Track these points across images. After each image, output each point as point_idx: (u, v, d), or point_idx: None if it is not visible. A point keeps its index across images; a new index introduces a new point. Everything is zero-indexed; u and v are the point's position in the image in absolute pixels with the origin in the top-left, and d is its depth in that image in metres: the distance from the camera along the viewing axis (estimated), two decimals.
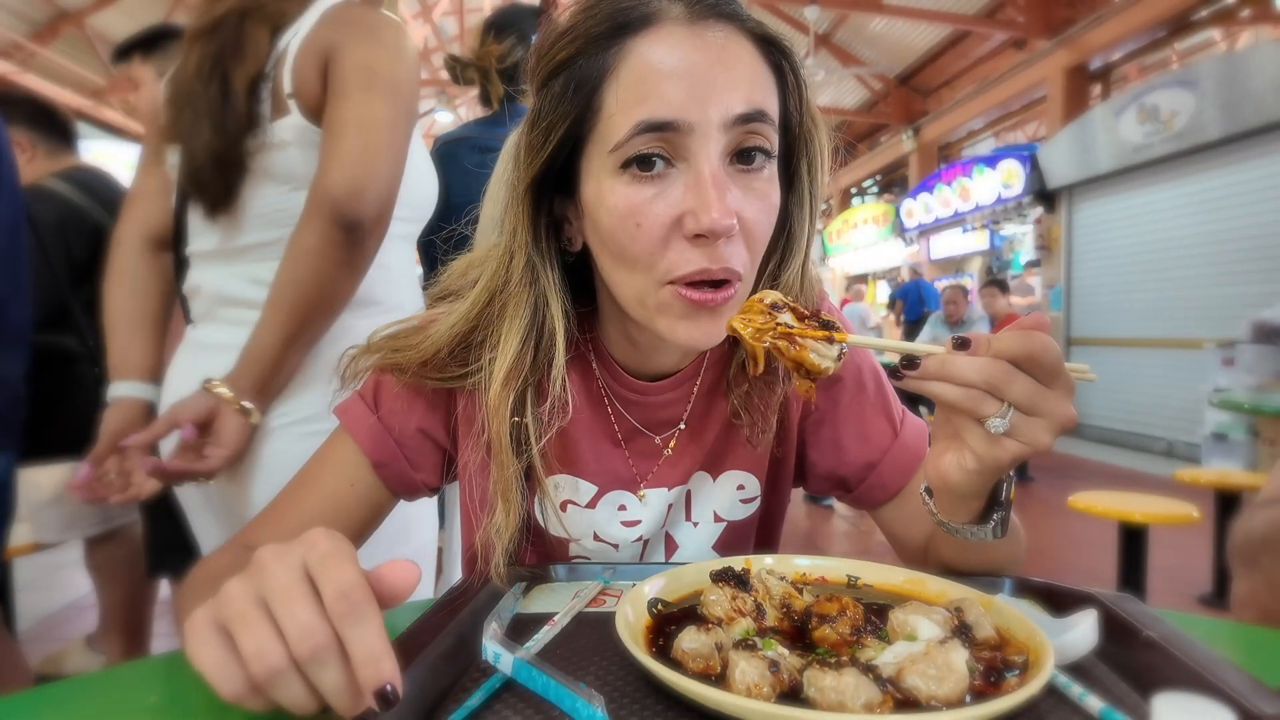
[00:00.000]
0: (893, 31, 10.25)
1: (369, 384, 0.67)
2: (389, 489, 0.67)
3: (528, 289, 0.61)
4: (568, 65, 0.56)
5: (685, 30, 0.53)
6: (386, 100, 0.95)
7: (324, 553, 0.35)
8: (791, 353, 0.51)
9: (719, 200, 0.52)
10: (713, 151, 0.53)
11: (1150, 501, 2.29)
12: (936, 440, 0.55)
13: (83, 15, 8.67)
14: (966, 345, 0.48)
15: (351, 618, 0.33)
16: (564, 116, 0.56)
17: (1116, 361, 6.45)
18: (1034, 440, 0.48)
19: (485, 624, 0.47)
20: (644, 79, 0.53)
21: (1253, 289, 5.15)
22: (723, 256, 0.54)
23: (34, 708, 0.45)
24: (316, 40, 0.97)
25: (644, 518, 0.70)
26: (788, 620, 0.50)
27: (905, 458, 0.72)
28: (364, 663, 0.32)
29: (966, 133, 10.69)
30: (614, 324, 0.67)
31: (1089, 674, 0.45)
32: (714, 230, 0.52)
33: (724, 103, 0.52)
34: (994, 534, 0.56)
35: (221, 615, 0.34)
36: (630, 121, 0.52)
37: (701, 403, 0.70)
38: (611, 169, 0.54)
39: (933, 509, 0.58)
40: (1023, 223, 8.29)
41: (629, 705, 0.41)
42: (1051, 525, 3.87)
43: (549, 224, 0.62)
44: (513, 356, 0.60)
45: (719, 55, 0.53)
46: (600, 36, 0.54)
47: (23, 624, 2.25)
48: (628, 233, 0.54)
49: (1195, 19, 6.87)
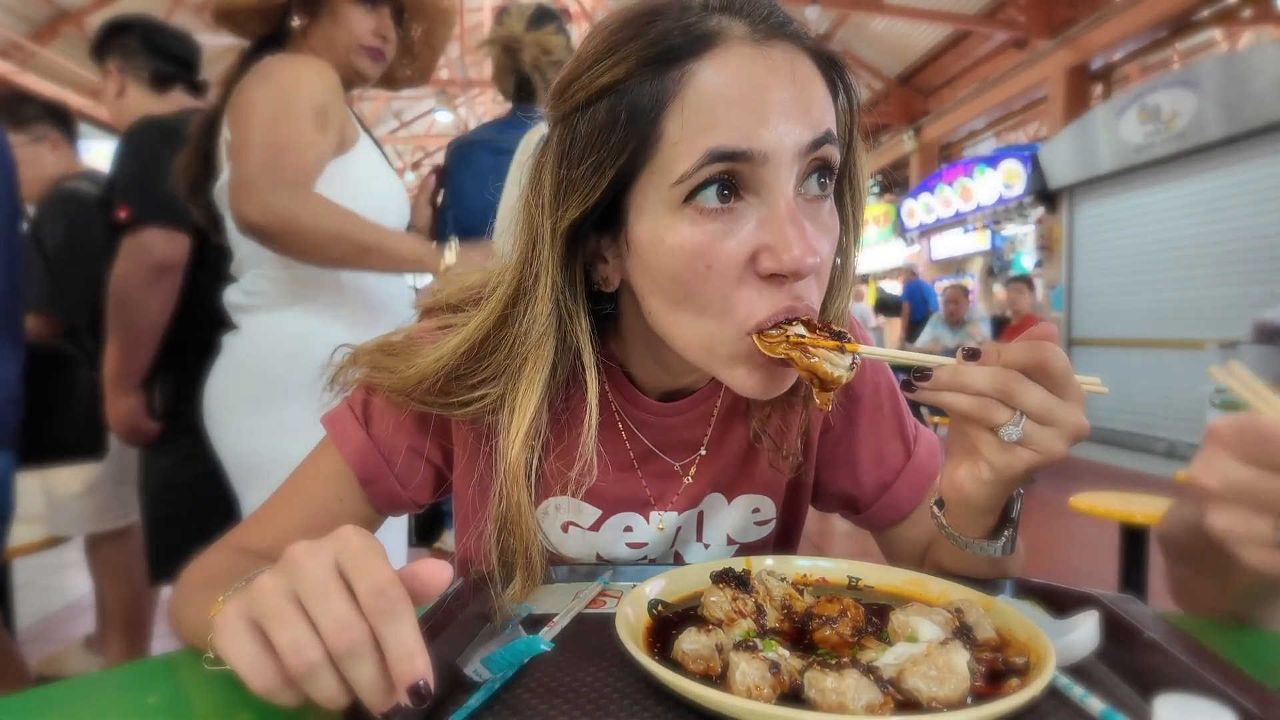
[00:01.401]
0: (893, 31, 10.25)
1: (358, 396, 0.64)
2: (374, 507, 0.65)
3: (552, 340, 0.55)
4: (613, 90, 0.50)
5: (752, 51, 0.49)
6: (255, 112, 1.10)
7: (356, 550, 0.35)
8: (805, 362, 0.50)
9: (801, 237, 0.48)
10: (787, 183, 0.49)
11: (1152, 502, 2.28)
12: (951, 455, 0.55)
13: (82, 15, 8.67)
14: (977, 355, 0.48)
15: (388, 614, 0.33)
16: (618, 150, 0.50)
17: (1118, 362, 6.44)
18: (1048, 449, 0.48)
19: (473, 644, 0.48)
20: (712, 104, 0.48)
21: (1255, 289, 5.15)
22: (803, 295, 0.50)
23: (34, 708, 0.45)
24: (234, 96, 1.16)
25: (651, 540, 0.68)
26: (788, 621, 0.50)
27: (919, 479, 0.71)
28: (399, 658, 0.33)
29: (967, 133, 10.69)
30: (643, 347, 0.61)
31: (1090, 675, 0.44)
32: (799, 270, 0.48)
33: (798, 129, 0.48)
34: (1004, 550, 0.57)
35: (255, 610, 0.34)
36: (698, 151, 0.47)
37: (721, 425, 0.67)
38: (673, 204, 0.49)
39: (943, 523, 0.58)
40: (1024, 223, 8.29)
41: (629, 706, 0.41)
42: (1053, 526, 3.86)
43: (583, 263, 0.56)
44: (531, 415, 0.55)
45: (790, 78, 0.49)
46: (656, 59, 0.49)
47: (23, 624, 2.25)
48: (697, 274, 0.49)
49: (1196, 19, 6.87)
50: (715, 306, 0.50)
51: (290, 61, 1.16)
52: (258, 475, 1.16)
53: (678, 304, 0.52)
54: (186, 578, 0.58)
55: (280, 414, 1.13)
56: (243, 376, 1.18)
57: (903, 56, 10.77)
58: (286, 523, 0.63)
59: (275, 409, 1.13)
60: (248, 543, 0.62)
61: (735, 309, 0.50)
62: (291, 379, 1.12)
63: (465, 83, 12.09)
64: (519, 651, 0.45)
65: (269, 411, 1.14)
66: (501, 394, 0.56)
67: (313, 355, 0.70)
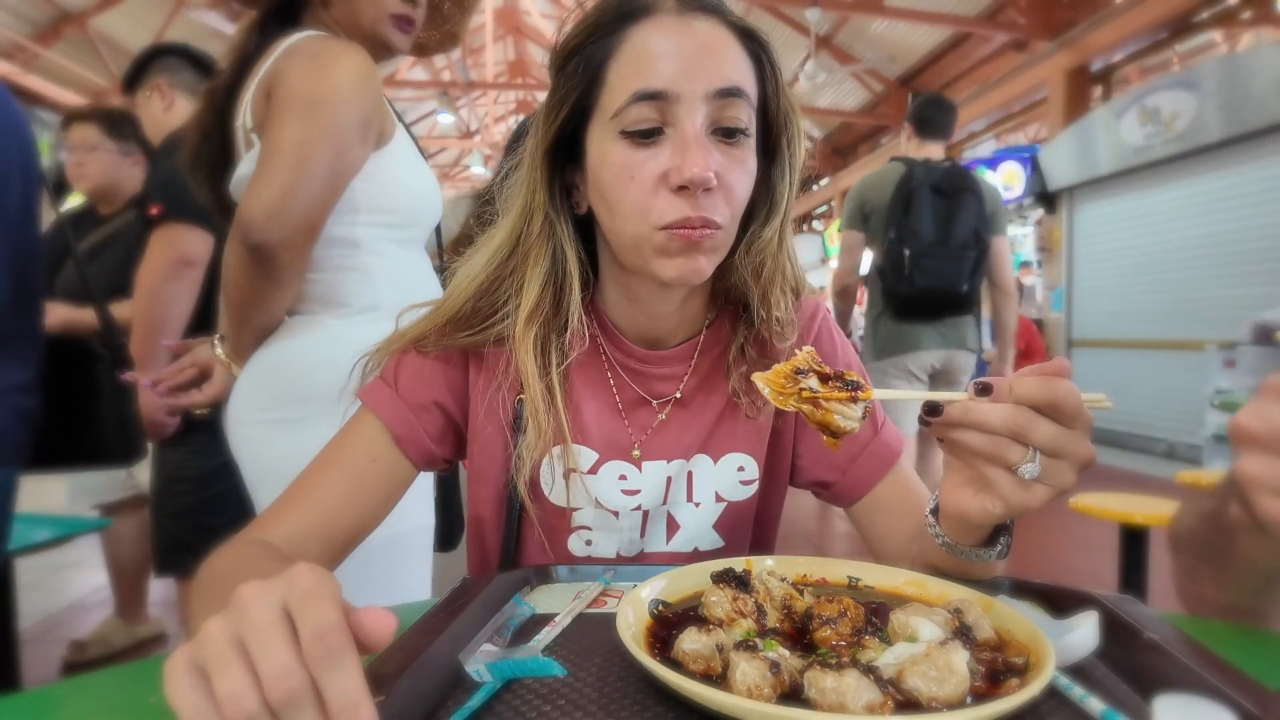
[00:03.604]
0: (894, 33, 10.25)
1: (389, 365, 0.73)
2: (410, 460, 0.71)
3: (546, 240, 0.69)
4: (579, 50, 0.65)
5: (676, 19, 0.63)
6: (302, 123, 0.99)
7: (304, 590, 0.33)
8: (817, 416, 0.52)
9: (701, 157, 0.60)
10: (697, 118, 0.61)
11: (1152, 503, 2.28)
12: (952, 472, 0.55)
13: (85, 17, 8.70)
14: (989, 391, 0.48)
15: (327, 661, 0.31)
16: (573, 90, 0.65)
17: (1118, 363, 6.44)
18: (1060, 482, 0.49)
19: (475, 641, 0.48)
20: (640, 57, 0.62)
21: (1254, 290, 5.15)
22: (703, 206, 0.62)
23: (34, 708, 0.45)
24: (267, 76, 1.05)
25: (643, 487, 0.74)
26: (789, 621, 0.50)
27: (883, 453, 0.75)
28: (340, 709, 0.31)
29: (967, 134, 10.68)
30: (615, 285, 0.74)
31: (1090, 676, 0.45)
32: (694, 181, 0.60)
33: (707, 78, 0.61)
34: (1000, 555, 0.57)
35: (199, 656, 0.32)
36: (628, 91, 0.61)
37: (699, 378, 0.76)
38: (612, 134, 0.63)
39: (938, 532, 0.58)
40: (1024, 224, 8.29)
41: (630, 706, 0.41)
42: (1052, 527, 3.87)
43: (561, 186, 0.71)
44: (535, 297, 0.69)
45: (704, 40, 0.62)
46: (606, 24, 0.64)
47: (24, 624, 2.26)
48: (623, 185, 0.63)
49: (1196, 21, 6.86)
50: (637, 211, 0.63)
51: (331, 54, 1.04)
52: (276, 478, 1.11)
53: (613, 211, 0.65)
54: (203, 572, 0.58)
55: (307, 419, 1.07)
56: (273, 380, 1.12)
57: (903, 58, 10.77)
58: (316, 496, 0.66)
59: (303, 414, 1.08)
60: (269, 530, 0.63)
61: (650, 212, 0.62)
62: (322, 386, 1.04)
63: (467, 84, 12.10)
64: (530, 669, 0.45)
65: (295, 416, 1.09)
66: (518, 304, 0.69)
67: (345, 363, 0.75)
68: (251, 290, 1.03)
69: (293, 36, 1.07)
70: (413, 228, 1.18)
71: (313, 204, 1.00)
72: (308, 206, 0.99)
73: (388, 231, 1.13)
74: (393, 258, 1.14)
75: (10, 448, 1.12)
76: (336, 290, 1.11)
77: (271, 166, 0.98)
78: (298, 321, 1.13)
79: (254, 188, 0.98)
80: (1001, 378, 0.49)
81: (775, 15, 10.09)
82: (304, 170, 0.97)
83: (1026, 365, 0.50)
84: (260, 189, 0.97)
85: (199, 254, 1.59)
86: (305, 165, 0.98)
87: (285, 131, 0.99)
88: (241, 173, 1.09)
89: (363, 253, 1.10)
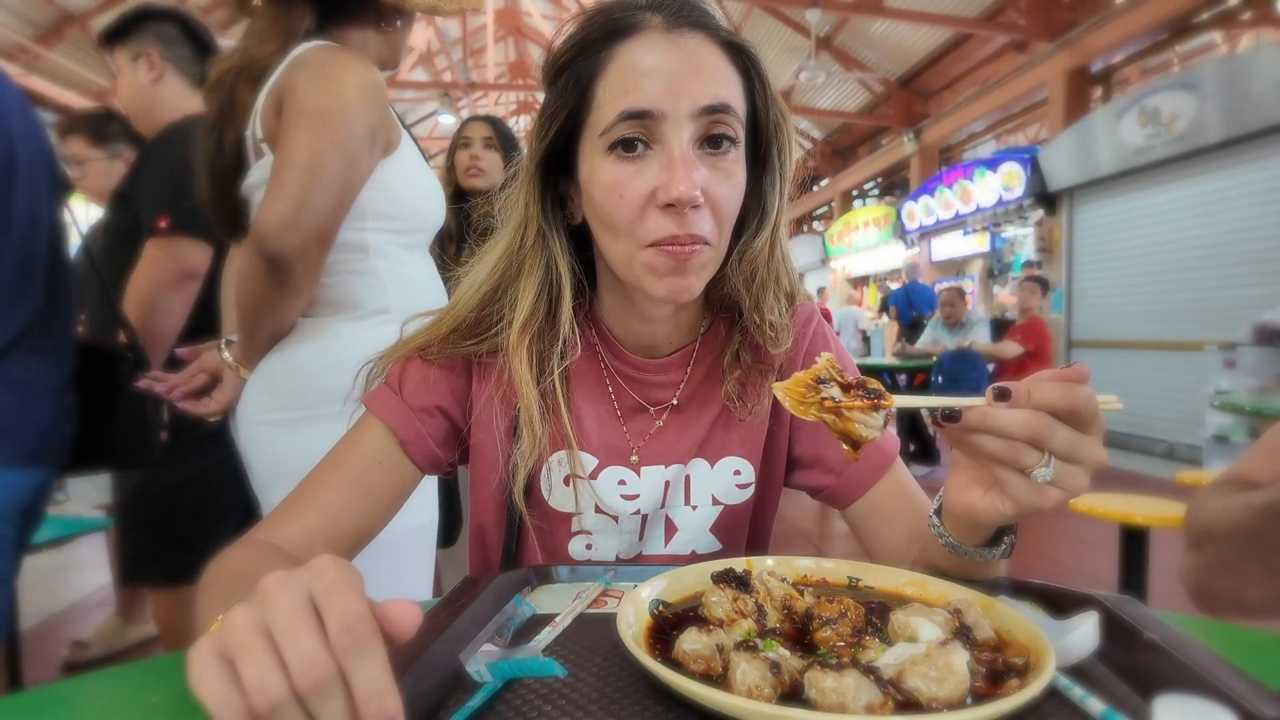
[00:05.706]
0: (894, 34, 10.26)
1: (394, 371, 0.74)
2: (415, 464, 0.72)
3: (540, 252, 0.70)
4: (569, 66, 0.65)
5: (662, 37, 0.63)
6: (313, 135, 1.01)
7: (330, 582, 0.34)
8: (839, 426, 0.52)
9: (686, 176, 0.60)
10: (683, 136, 0.61)
11: (1152, 503, 2.28)
12: (959, 471, 0.55)
13: (87, 18, 8.70)
14: (1007, 396, 0.48)
15: (355, 651, 0.32)
16: (564, 107, 0.65)
17: (1118, 364, 6.44)
18: (1074, 486, 0.49)
19: (476, 641, 0.48)
20: (627, 75, 0.62)
21: (1254, 291, 5.14)
22: (690, 223, 0.62)
23: (34, 708, 0.45)
24: (277, 86, 1.07)
25: (642, 492, 0.74)
26: (789, 622, 0.50)
27: (878, 456, 0.75)
28: (367, 698, 0.31)
29: (968, 135, 10.69)
30: (610, 294, 0.75)
31: (1090, 676, 0.44)
32: (680, 200, 0.60)
33: (693, 96, 0.61)
34: (1004, 554, 0.57)
35: (224, 644, 0.33)
36: (615, 110, 0.62)
37: (695, 385, 0.76)
38: (601, 151, 0.63)
39: (942, 532, 0.58)
40: (1024, 225, 8.29)
41: (630, 706, 0.41)
42: (1052, 527, 3.86)
43: (554, 198, 0.72)
44: (529, 307, 0.70)
45: (690, 58, 0.62)
46: (594, 41, 0.64)
47: (25, 624, 2.26)
48: (613, 203, 0.63)
49: (1196, 21, 6.87)
50: (625, 229, 0.63)
51: (339, 66, 1.06)
52: (288, 478, 1.11)
53: (606, 228, 0.65)
54: (210, 572, 0.58)
55: (319, 419, 1.09)
56: (286, 381, 1.13)
57: (903, 60, 10.78)
58: (323, 498, 0.66)
59: (315, 414, 1.09)
60: (276, 531, 0.63)
61: (638, 230, 0.63)
62: (334, 387, 1.05)
63: (468, 85, 12.11)
64: (531, 669, 0.45)
65: (307, 416, 1.10)
66: (514, 316, 0.70)
67: (356, 364, 0.76)
68: (266, 299, 1.05)
69: (300, 47, 1.09)
70: (418, 232, 1.21)
71: (325, 214, 1.02)
72: (320, 217, 1.01)
73: (395, 236, 1.16)
74: (399, 261, 1.17)
75: (60, 449, 1.13)
76: (347, 294, 1.13)
77: (284, 179, 1.00)
78: (309, 324, 1.14)
79: (268, 201, 1.01)
80: (1019, 383, 0.49)
81: (775, 16, 10.10)
82: (316, 182, 1.00)
83: (1037, 368, 0.50)
84: (274, 202, 1.00)
85: (201, 267, 1.59)
86: (317, 177, 1.00)
87: (297, 145, 1.01)
88: (252, 180, 1.12)
89: (371, 257, 1.13)
